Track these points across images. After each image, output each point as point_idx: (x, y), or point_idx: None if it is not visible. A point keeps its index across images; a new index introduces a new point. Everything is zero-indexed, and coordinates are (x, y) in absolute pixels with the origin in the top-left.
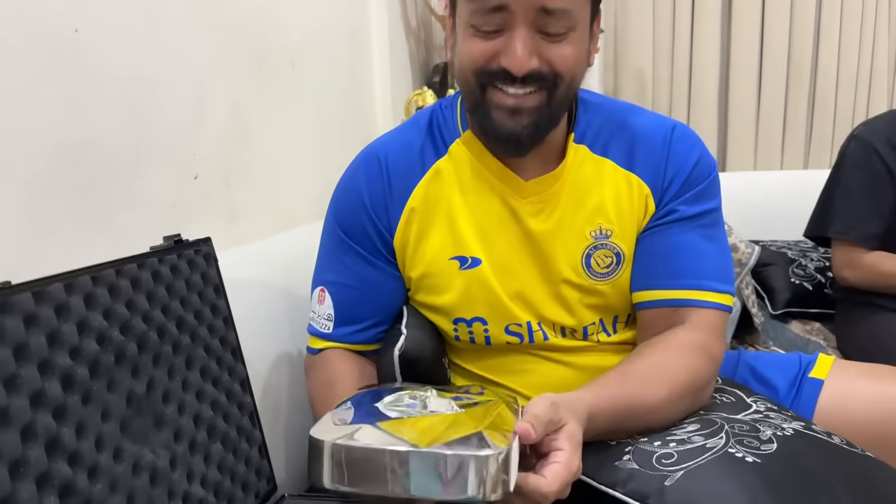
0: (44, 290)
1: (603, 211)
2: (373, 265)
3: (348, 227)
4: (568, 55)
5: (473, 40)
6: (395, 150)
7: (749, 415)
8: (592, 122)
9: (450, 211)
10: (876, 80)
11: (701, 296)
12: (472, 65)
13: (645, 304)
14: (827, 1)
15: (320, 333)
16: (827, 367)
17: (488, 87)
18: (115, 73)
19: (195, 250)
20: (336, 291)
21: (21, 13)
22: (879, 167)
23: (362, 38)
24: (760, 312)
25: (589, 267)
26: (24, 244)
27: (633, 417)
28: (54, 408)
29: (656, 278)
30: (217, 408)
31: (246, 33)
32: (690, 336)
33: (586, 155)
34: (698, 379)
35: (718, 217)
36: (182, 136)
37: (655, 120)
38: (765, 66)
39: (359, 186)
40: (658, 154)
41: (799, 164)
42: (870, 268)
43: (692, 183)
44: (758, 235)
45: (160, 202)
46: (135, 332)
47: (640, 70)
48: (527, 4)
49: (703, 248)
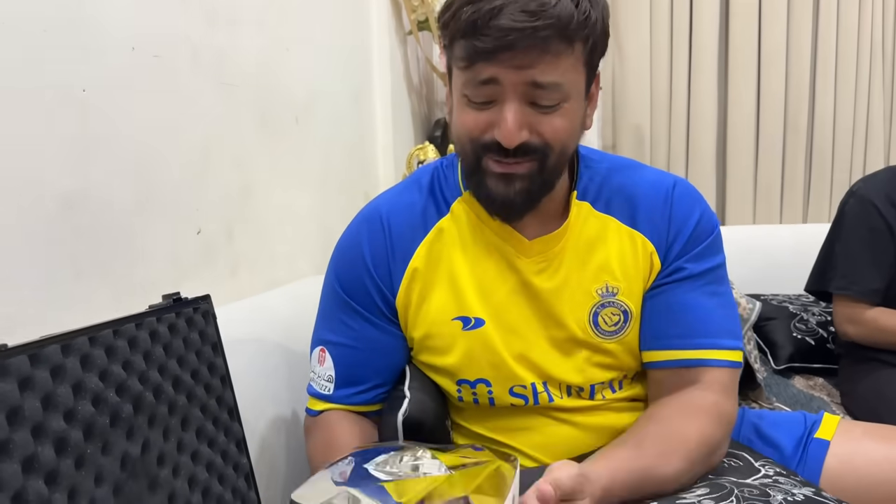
0: (40, 352)
1: (608, 269)
2: (374, 325)
3: (349, 285)
4: (559, 127)
5: (467, 110)
6: (397, 209)
7: (758, 479)
8: (594, 179)
9: (452, 270)
10: (872, 134)
11: (711, 354)
12: (467, 135)
13: (655, 364)
14: (822, 57)
15: (320, 395)
16: (832, 428)
17: (483, 156)
18: (119, 127)
19: (194, 308)
20: (337, 352)
21: (29, 65)
22: (879, 223)
23: (365, 95)
24: (763, 367)
25: (597, 325)
26: (22, 296)
27: (647, 488)
28: (46, 472)
29: (666, 338)
30: (212, 469)
31: (251, 90)
32: (703, 398)
33: (589, 212)
34: (711, 443)
35: (723, 273)
36: (185, 192)
37: (656, 177)
38: (762, 121)
39: (360, 245)
40: (660, 212)
41: (798, 217)
42: (870, 324)
43: (696, 240)
44: (758, 289)
45: (161, 256)
46: (131, 392)
47: (639, 126)
48: (517, 79)
49: (711, 306)
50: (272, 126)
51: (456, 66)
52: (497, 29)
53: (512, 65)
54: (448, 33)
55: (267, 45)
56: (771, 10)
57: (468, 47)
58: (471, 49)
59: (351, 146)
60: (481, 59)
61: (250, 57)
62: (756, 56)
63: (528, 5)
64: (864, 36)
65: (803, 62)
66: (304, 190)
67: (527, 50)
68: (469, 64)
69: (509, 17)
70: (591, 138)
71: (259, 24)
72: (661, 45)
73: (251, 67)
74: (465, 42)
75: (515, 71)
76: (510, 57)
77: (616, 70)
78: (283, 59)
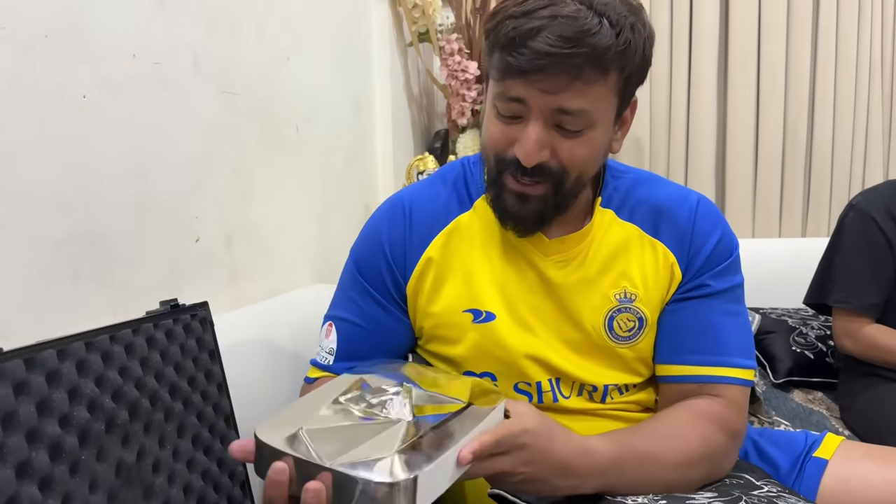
0: (35, 356)
1: (628, 275)
2: (382, 307)
3: (365, 269)
4: (578, 154)
5: (495, 121)
6: (420, 199)
7: (764, 492)
8: (619, 189)
9: (468, 264)
10: (871, 148)
11: (727, 372)
12: (492, 148)
13: (670, 378)
14: (821, 71)
15: (320, 365)
16: (833, 447)
17: (503, 171)
18: (119, 133)
19: (191, 315)
20: (342, 327)
21: (30, 70)
22: (878, 237)
23: (366, 106)
24: (762, 381)
25: (611, 329)
26: (20, 300)
27: (638, 469)
28: (41, 478)
29: (685, 353)
30: (208, 477)
31: (251, 98)
32: (711, 407)
33: (612, 219)
34: (712, 449)
35: (742, 293)
36: (184, 199)
37: (680, 192)
38: (761, 134)
39: (380, 232)
40: (683, 225)
41: (797, 231)
42: (867, 340)
43: (718, 258)
44: (757, 303)
45: (160, 263)
46: (127, 399)
47: (638, 139)
48: (543, 103)
49: (729, 325)
50: (272, 135)
51: (492, 76)
52: (532, 50)
53: (540, 88)
54: (489, 42)
55: (268, 55)
56: (770, 24)
57: (502, 62)
58: (504, 64)
59: (351, 156)
60: (512, 76)
61: (251, 66)
62: (755, 70)
63: (567, 30)
64: (863, 50)
65: (802, 76)
66: (304, 199)
67: (558, 76)
68: (502, 77)
69: (545, 40)
70: None
71: (260, 33)
72: (661, 58)
73: (252, 76)
74: (500, 55)
75: (543, 95)
76: (540, 80)
77: None
78: (283, 68)
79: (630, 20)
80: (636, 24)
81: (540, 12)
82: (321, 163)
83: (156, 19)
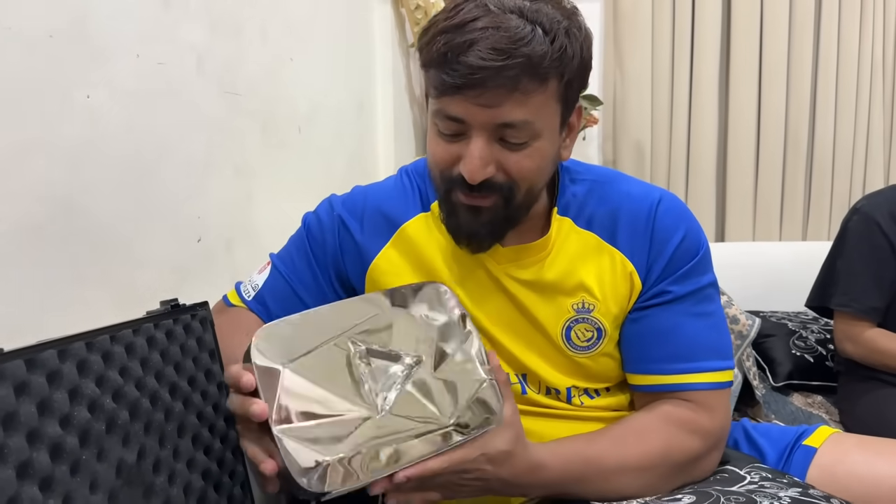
0: (36, 357)
1: (586, 286)
2: (314, 274)
3: (318, 232)
4: (525, 167)
5: (437, 140)
6: (381, 195)
7: (744, 486)
8: (578, 194)
9: (427, 261)
10: (872, 152)
11: (695, 378)
12: (436, 167)
13: (639, 387)
14: (822, 75)
15: (241, 294)
16: (824, 437)
17: (451, 188)
18: (122, 133)
19: (192, 315)
20: (273, 274)
21: (33, 70)
22: (881, 241)
23: (368, 107)
24: (762, 384)
25: (569, 339)
26: (20, 300)
27: (592, 479)
28: (41, 478)
29: (650, 362)
30: (208, 477)
31: (254, 99)
32: (678, 410)
33: (571, 228)
34: (677, 452)
35: (711, 292)
36: (186, 199)
37: (641, 191)
38: (762, 138)
39: (340, 220)
40: (641, 230)
41: (797, 235)
42: (868, 344)
43: (679, 261)
44: (757, 306)
45: (161, 263)
46: (127, 399)
47: (639, 141)
48: (483, 118)
49: (697, 328)
50: (274, 136)
51: (430, 93)
52: (465, 66)
53: (478, 103)
54: (423, 59)
55: (271, 56)
56: (772, 28)
57: (437, 79)
58: (440, 81)
59: (353, 157)
60: (449, 94)
61: (254, 67)
62: (757, 73)
63: (499, 42)
64: (864, 54)
65: (804, 79)
66: (306, 200)
67: (495, 89)
68: (439, 95)
69: (477, 54)
70: (591, 154)
71: (263, 35)
72: (663, 61)
73: (255, 77)
74: (435, 72)
75: (482, 110)
76: (477, 95)
77: (617, 86)
78: (286, 69)
79: (564, 25)
80: (570, 28)
81: (471, 25)
82: (323, 164)
83: (160, 20)
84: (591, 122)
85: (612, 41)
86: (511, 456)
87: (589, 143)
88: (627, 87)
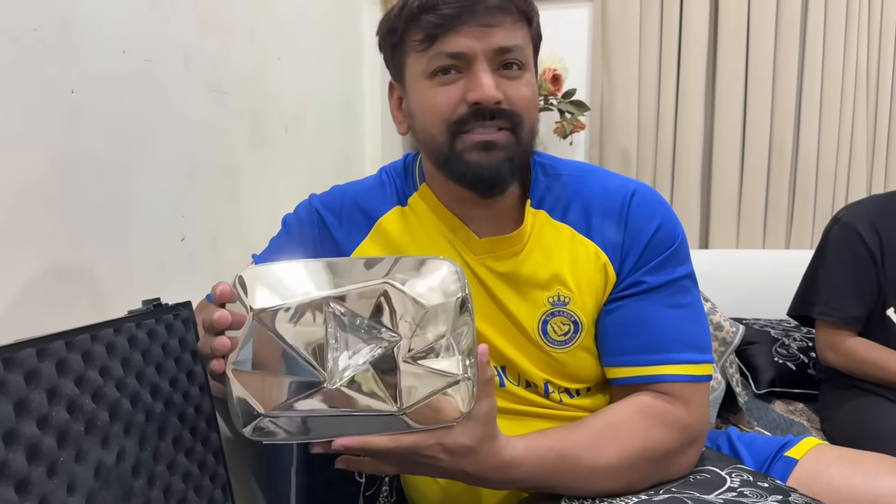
0: (14, 355)
1: (561, 278)
2: None
3: (295, 232)
4: (525, 95)
5: (436, 90)
6: (361, 192)
7: (722, 494)
8: (552, 187)
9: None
10: (855, 162)
11: (669, 370)
12: (440, 115)
13: (616, 380)
14: (807, 85)
15: None
16: (806, 448)
17: (459, 134)
18: (107, 130)
19: (174, 314)
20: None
21: (18, 64)
22: (862, 251)
23: (356, 106)
24: (744, 391)
25: (545, 334)
26: (0, 298)
27: (566, 475)
28: (17, 480)
29: (625, 354)
30: (189, 480)
31: (241, 98)
32: (654, 403)
33: (545, 220)
34: (655, 447)
35: (688, 284)
36: (170, 197)
37: (615, 184)
38: (747, 146)
39: (322, 211)
40: (615, 221)
41: (780, 243)
42: (849, 353)
43: (653, 252)
44: (740, 313)
45: (144, 262)
46: (107, 399)
47: (625, 148)
48: (483, 45)
49: (673, 319)
50: (261, 134)
51: (414, 52)
52: None
53: (480, 24)
54: (400, 24)
55: (258, 54)
56: (758, 37)
57: (427, 24)
58: (431, 24)
59: (340, 157)
60: (444, 31)
61: (242, 65)
62: (743, 81)
63: None
64: (849, 64)
65: (789, 89)
66: (292, 200)
67: (489, 9)
68: (432, 41)
69: None
70: (577, 158)
71: (251, 33)
72: (650, 67)
73: (242, 75)
74: (424, 18)
75: (483, 31)
76: (473, 18)
77: (604, 91)
78: (274, 68)
79: None
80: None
81: None
82: (310, 163)
83: (147, 16)
84: (578, 127)
85: (599, 47)
86: (474, 452)
87: (576, 148)
88: (615, 94)
